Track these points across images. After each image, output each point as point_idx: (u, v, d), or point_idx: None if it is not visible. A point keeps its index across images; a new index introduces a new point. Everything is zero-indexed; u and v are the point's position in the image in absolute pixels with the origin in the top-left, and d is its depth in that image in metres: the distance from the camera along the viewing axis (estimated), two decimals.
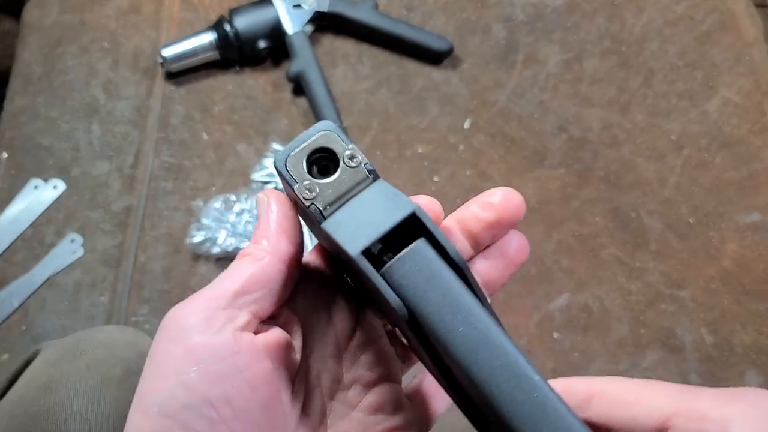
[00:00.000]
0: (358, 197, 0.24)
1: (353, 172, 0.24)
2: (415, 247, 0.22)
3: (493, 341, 0.20)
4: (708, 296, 0.59)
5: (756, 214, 0.63)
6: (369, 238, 0.22)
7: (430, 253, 0.22)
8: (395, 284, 0.22)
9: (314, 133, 0.24)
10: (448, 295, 0.21)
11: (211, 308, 0.23)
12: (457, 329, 0.21)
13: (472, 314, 0.21)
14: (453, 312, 0.21)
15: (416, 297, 0.21)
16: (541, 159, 0.64)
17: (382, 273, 0.22)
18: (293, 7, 0.66)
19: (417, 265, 0.22)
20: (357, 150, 0.24)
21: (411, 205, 0.22)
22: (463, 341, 0.20)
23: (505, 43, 0.70)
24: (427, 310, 0.21)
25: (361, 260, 0.21)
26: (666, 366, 0.57)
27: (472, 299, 0.21)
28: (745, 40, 0.70)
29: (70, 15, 0.70)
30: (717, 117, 0.66)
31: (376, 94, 0.67)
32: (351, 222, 0.23)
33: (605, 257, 0.61)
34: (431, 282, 0.21)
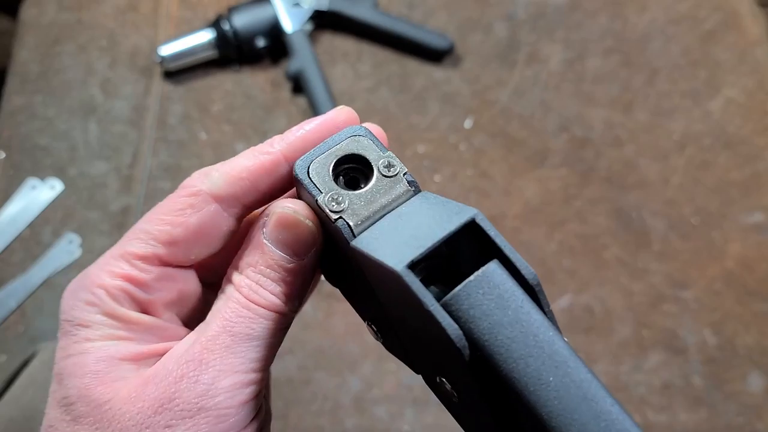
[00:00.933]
0: (396, 211, 0.20)
1: (390, 183, 0.20)
2: (487, 270, 0.17)
3: (592, 397, 0.16)
4: (711, 297, 0.59)
5: (759, 214, 0.62)
6: (417, 250, 0.17)
7: (505, 279, 0.17)
8: (455, 316, 0.17)
9: (343, 138, 0.21)
10: (531, 335, 0.17)
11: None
12: (547, 379, 0.16)
13: (567, 363, 0.16)
14: (540, 357, 0.16)
15: (486, 334, 0.17)
16: (542, 159, 0.64)
17: (443, 303, 0.17)
18: (292, 6, 0.65)
19: (488, 294, 0.17)
20: (395, 158, 0.20)
21: (470, 210, 0.18)
22: (554, 396, 0.16)
23: (506, 42, 0.69)
24: (504, 353, 0.17)
25: (409, 277, 0.17)
26: (669, 367, 0.56)
27: (561, 340, 0.17)
28: (749, 40, 0.69)
29: (68, 13, 0.69)
30: (720, 116, 0.66)
31: (376, 92, 0.67)
32: (390, 237, 0.19)
33: (608, 258, 0.60)
34: (508, 316, 0.17)
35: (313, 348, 0.56)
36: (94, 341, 0.22)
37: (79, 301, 0.23)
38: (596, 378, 0.17)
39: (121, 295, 0.23)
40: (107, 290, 0.22)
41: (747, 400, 0.55)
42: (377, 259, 0.18)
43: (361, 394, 0.54)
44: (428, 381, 0.22)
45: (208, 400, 0.20)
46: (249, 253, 0.23)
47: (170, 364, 0.21)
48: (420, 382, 0.55)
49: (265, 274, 0.22)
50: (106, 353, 0.22)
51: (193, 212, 0.23)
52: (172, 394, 0.21)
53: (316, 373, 0.55)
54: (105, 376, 0.21)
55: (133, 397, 0.21)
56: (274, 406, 0.54)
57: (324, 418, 0.53)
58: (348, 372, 0.55)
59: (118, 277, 0.23)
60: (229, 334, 0.21)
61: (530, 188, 0.63)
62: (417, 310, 0.17)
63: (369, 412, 0.54)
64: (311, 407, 0.54)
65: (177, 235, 0.23)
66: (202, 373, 0.21)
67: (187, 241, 0.23)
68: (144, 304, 0.23)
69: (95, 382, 0.21)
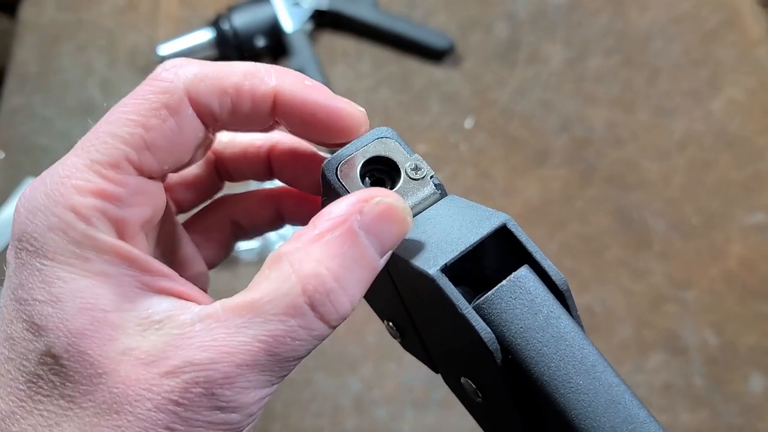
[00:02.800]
0: (424, 214, 0.20)
1: (417, 186, 0.20)
2: (519, 275, 0.18)
3: (620, 401, 0.16)
4: (712, 297, 0.59)
5: (761, 214, 0.62)
6: (450, 254, 0.18)
7: (536, 285, 0.18)
8: (487, 319, 0.18)
9: (371, 140, 0.21)
10: (561, 339, 0.17)
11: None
12: (576, 383, 0.17)
13: (596, 368, 0.17)
14: (570, 361, 0.17)
15: (518, 338, 0.17)
16: (543, 158, 0.64)
17: (476, 307, 0.18)
18: (292, 5, 0.65)
19: (520, 299, 0.18)
20: (422, 160, 0.21)
21: (501, 216, 0.19)
22: (583, 399, 0.17)
23: (507, 42, 0.69)
24: (534, 356, 0.17)
25: (442, 281, 0.17)
26: (670, 368, 0.56)
27: (590, 345, 0.17)
28: (750, 39, 0.69)
29: (67, 13, 0.69)
30: (722, 116, 0.66)
31: (377, 92, 0.67)
32: (419, 240, 0.19)
33: (608, 258, 0.60)
34: (539, 321, 0.17)
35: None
36: (67, 282, 0.18)
37: (42, 224, 0.18)
38: (624, 383, 0.17)
39: (94, 215, 0.18)
40: (77, 212, 0.18)
41: (748, 401, 0.55)
42: (409, 262, 0.18)
43: (361, 395, 0.54)
44: (448, 381, 0.22)
45: (221, 416, 0.18)
46: (322, 240, 0.18)
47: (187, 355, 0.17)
48: (420, 383, 0.55)
49: (344, 273, 0.18)
50: (89, 302, 0.18)
51: (168, 115, 0.19)
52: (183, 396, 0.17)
53: (316, 374, 0.55)
54: (94, 335, 0.17)
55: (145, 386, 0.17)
56: (274, 407, 0.54)
57: (324, 418, 0.53)
58: (348, 373, 0.55)
59: (90, 194, 0.18)
60: (266, 353, 0.18)
61: (531, 188, 0.63)
62: (448, 312, 0.18)
63: (369, 413, 0.54)
64: (311, 408, 0.54)
65: (151, 140, 0.19)
66: (223, 389, 0.17)
67: (161, 147, 0.19)
68: (119, 224, 0.19)
69: (86, 343, 0.17)
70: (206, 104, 0.20)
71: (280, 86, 0.20)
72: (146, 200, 0.20)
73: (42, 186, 0.19)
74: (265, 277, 0.18)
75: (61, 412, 0.17)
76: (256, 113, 0.20)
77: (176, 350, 0.17)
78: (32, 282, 0.18)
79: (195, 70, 0.20)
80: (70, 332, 0.17)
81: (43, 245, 0.18)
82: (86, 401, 0.17)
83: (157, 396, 0.17)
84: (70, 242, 0.18)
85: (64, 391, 0.17)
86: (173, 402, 0.17)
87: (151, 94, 0.20)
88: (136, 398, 0.17)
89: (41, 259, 0.18)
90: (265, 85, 0.20)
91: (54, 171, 0.20)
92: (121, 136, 0.19)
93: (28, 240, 0.18)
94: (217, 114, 0.20)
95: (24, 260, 0.18)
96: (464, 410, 0.22)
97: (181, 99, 0.19)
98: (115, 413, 0.17)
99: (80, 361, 0.17)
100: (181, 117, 0.19)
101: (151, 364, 0.17)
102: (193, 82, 0.20)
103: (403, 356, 0.56)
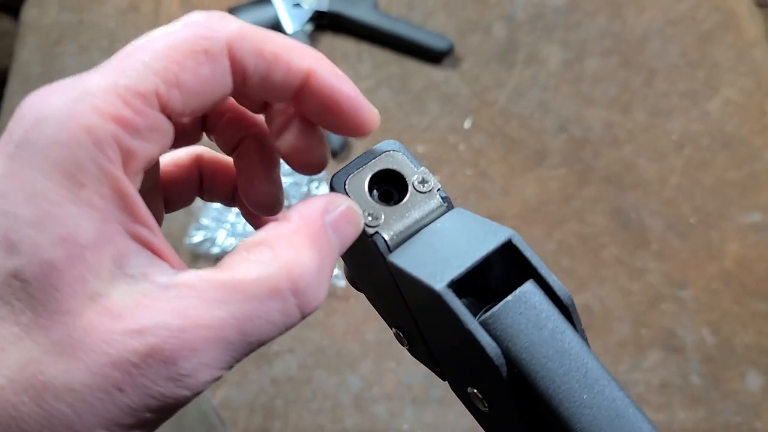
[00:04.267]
0: (430, 227, 0.20)
1: (424, 198, 0.21)
2: (525, 290, 0.18)
3: (624, 415, 0.17)
4: (709, 296, 0.59)
5: (757, 214, 0.62)
6: (456, 269, 0.18)
7: (541, 300, 0.18)
8: (493, 334, 0.18)
9: (378, 153, 0.21)
10: (566, 354, 0.17)
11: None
12: (581, 397, 0.17)
13: (600, 382, 0.17)
14: (575, 376, 0.17)
15: (524, 352, 0.18)
16: (541, 159, 0.64)
17: (482, 321, 0.18)
18: (293, 6, 0.66)
19: (525, 314, 0.18)
20: (428, 173, 0.21)
21: (506, 231, 0.19)
22: (588, 413, 0.17)
23: (505, 43, 0.69)
24: (540, 371, 0.17)
25: (449, 296, 0.18)
26: (667, 366, 0.57)
27: (594, 359, 0.18)
28: (747, 40, 0.70)
29: (69, 14, 0.69)
30: (718, 117, 0.66)
31: (376, 93, 0.67)
32: (426, 254, 0.19)
33: (606, 257, 0.61)
34: (545, 335, 0.18)
35: (313, 347, 0.56)
36: (54, 205, 0.16)
37: (48, 135, 0.17)
38: (628, 396, 0.17)
39: (107, 141, 0.17)
40: (91, 133, 0.17)
41: (745, 399, 0.55)
42: (416, 276, 0.18)
43: (361, 392, 0.55)
44: (456, 389, 0.23)
45: (173, 389, 0.17)
46: (300, 233, 0.18)
47: (158, 318, 0.16)
48: (419, 382, 0.55)
49: (322, 265, 0.18)
50: (71, 233, 0.16)
51: (206, 60, 0.18)
52: (143, 360, 0.16)
53: (316, 372, 0.55)
54: (67, 270, 0.16)
55: (106, 338, 0.16)
56: (275, 405, 0.54)
57: (324, 416, 0.54)
58: (348, 371, 0.55)
59: (109, 118, 0.17)
60: (238, 332, 0.17)
61: (529, 188, 0.63)
62: (454, 326, 0.18)
63: (369, 410, 0.54)
64: (311, 406, 0.54)
65: (183, 80, 0.18)
66: (185, 360, 0.16)
67: (190, 90, 0.18)
68: (127, 156, 0.17)
69: (56, 277, 0.16)
70: (242, 61, 0.19)
71: (315, 67, 0.20)
72: (158, 138, 0.18)
73: (57, 96, 0.17)
74: (243, 258, 0.18)
75: (12, 339, 0.16)
76: (285, 85, 0.20)
77: (146, 310, 0.16)
78: (18, 195, 0.16)
79: (239, 25, 0.19)
80: (44, 261, 0.16)
81: (44, 158, 0.16)
82: (41, 336, 0.16)
83: (114, 352, 0.16)
84: (72, 163, 0.16)
85: (20, 318, 0.16)
86: (131, 363, 0.16)
87: (191, 35, 0.19)
88: (92, 348, 0.16)
89: (35, 172, 0.16)
90: (302, 60, 0.20)
91: (74, 84, 0.18)
92: (154, 67, 0.18)
93: (26, 148, 0.17)
94: (250, 74, 0.19)
95: (15, 169, 0.17)
96: (463, 408, 0.23)
97: (221, 49, 0.19)
98: (66, 357, 0.16)
99: (47, 293, 0.16)
100: (216, 66, 0.19)
101: (116, 317, 0.16)
102: (236, 37, 0.19)
103: (402, 354, 0.56)
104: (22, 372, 0.16)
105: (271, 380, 0.55)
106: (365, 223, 0.20)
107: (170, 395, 0.16)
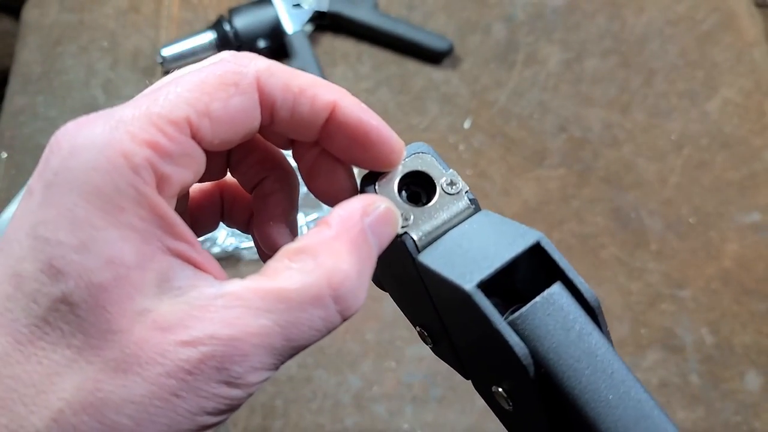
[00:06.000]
0: (458, 228, 0.21)
1: (452, 200, 0.21)
2: (553, 292, 0.19)
3: (649, 415, 0.17)
4: (708, 296, 0.59)
5: (756, 214, 0.62)
6: (486, 270, 0.18)
7: (569, 302, 0.19)
8: (521, 335, 0.18)
9: (408, 154, 0.21)
10: (593, 355, 0.18)
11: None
12: (607, 397, 0.17)
13: (626, 383, 0.18)
14: (601, 376, 0.18)
15: (551, 353, 0.18)
16: (541, 159, 0.64)
17: (510, 322, 0.18)
18: (293, 7, 0.66)
19: (553, 315, 0.18)
20: (457, 175, 0.21)
21: (534, 233, 0.19)
22: (613, 413, 0.17)
23: (505, 43, 0.70)
24: (567, 371, 0.18)
25: (478, 296, 0.18)
26: (666, 366, 0.57)
27: (620, 361, 0.18)
28: (746, 40, 0.70)
29: (70, 14, 0.69)
30: (717, 117, 0.66)
31: (376, 93, 0.67)
32: (454, 254, 0.19)
33: (605, 257, 0.61)
34: (572, 337, 0.18)
35: (313, 346, 0.56)
36: (98, 230, 0.17)
37: (86, 162, 0.17)
38: (653, 398, 0.18)
39: (143, 166, 0.17)
40: (128, 158, 0.17)
41: (744, 399, 0.56)
42: (445, 276, 0.19)
43: (361, 392, 0.55)
44: (479, 388, 0.23)
45: (227, 390, 0.17)
46: (340, 239, 0.19)
47: (208, 328, 0.17)
48: (419, 380, 0.55)
49: (362, 270, 0.19)
50: (116, 255, 0.17)
51: (236, 93, 0.19)
52: (197, 367, 0.17)
53: (317, 372, 0.55)
54: (114, 290, 0.17)
55: (159, 350, 0.17)
56: (275, 404, 0.54)
57: (324, 416, 0.54)
58: (348, 370, 0.56)
59: (144, 143, 0.17)
60: (283, 338, 0.18)
61: (529, 188, 0.63)
62: (482, 325, 0.18)
63: (369, 410, 0.54)
64: (311, 405, 0.54)
65: (214, 110, 0.19)
66: (236, 365, 0.17)
67: (220, 120, 0.19)
68: (162, 181, 0.18)
69: (105, 298, 0.17)
70: (270, 95, 0.20)
71: (340, 100, 0.20)
72: (191, 164, 0.19)
73: (92, 125, 0.18)
74: (286, 266, 0.19)
75: (65, 362, 0.17)
76: (312, 117, 0.20)
77: (197, 321, 0.17)
78: (60, 222, 0.17)
79: (267, 63, 0.20)
80: (92, 284, 0.17)
81: (83, 184, 0.17)
82: (94, 356, 0.17)
83: (169, 362, 0.17)
84: (112, 188, 0.17)
85: (72, 341, 0.17)
86: (185, 371, 0.17)
87: (221, 70, 0.19)
88: (147, 361, 0.17)
89: (76, 198, 0.17)
90: (327, 94, 0.20)
91: (108, 114, 0.18)
92: (186, 97, 0.18)
93: (65, 175, 0.17)
94: (278, 107, 0.20)
95: (55, 196, 0.17)
96: (463, 407, 0.23)
97: (251, 83, 0.20)
98: (122, 372, 0.16)
99: (96, 314, 0.17)
100: (246, 98, 0.19)
101: (167, 330, 0.17)
102: (264, 73, 0.20)
103: (402, 354, 0.56)
104: (79, 392, 0.16)
105: (270, 380, 0.55)
106: None
107: (224, 395, 0.17)
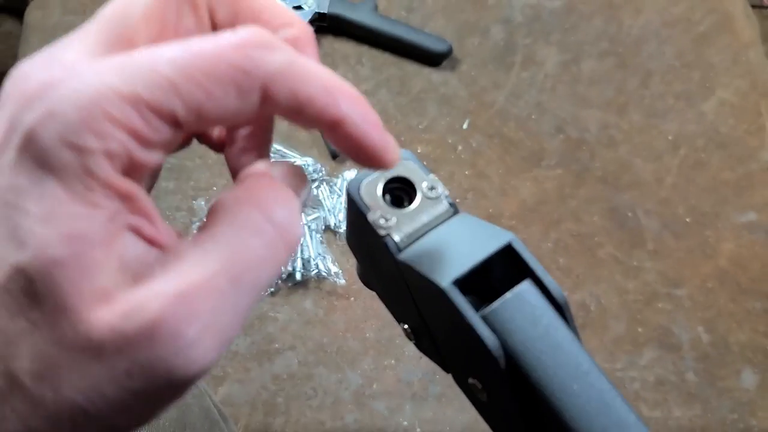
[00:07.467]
0: (437, 230, 0.22)
1: (432, 203, 0.22)
2: (522, 289, 0.20)
3: (611, 404, 0.18)
4: (704, 295, 0.60)
5: (752, 213, 0.63)
6: (460, 268, 0.20)
7: (537, 298, 0.20)
8: (493, 328, 0.19)
9: None
10: (559, 348, 0.19)
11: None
12: (571, 387, 0.19)
13: (589, 374, 0.19)
14: (566, 368, 0.19)
15: (520, 345, 0.19)
16: (538, 159, 0.65)
17: (483, 316, 0.20)
18: (293, 8, 0.67)
19: (522, 310, 0.19)
20: (437, 181, 0.23)
21: (507, 235, 0.21)
22: (578, 402, 0.18)
23: (503, 45, 0.70)
24: (535, 363, 0.19)
25: (453, 292, 0.19)
26: (663, 364, 0.57)
27: (585, 353, 0.19)
28: (742, 42, 0.70)
29: (72, 16, 0.70)
30: (713, 117, 0.67)
31: (376, 95, 0.68)
32: (433, 254, 0.21)
33: (602, 256, 0.61)
34: (539, 331, 0.19)
35: (313, 344, 0.57)
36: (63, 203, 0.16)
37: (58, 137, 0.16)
38: (615, 389, 0.19)
39: (118, 152, 0.17)
40: (103, 143, 0.16)
41: (740, 396, 0.56)
42: (424, 274, 0.20)
43: (361, 389, 0.55)
44: (458, 380, 0.24)
45: (185, 364, 0.17)
46: (268, 185, 0.19)
47: (158, 291, 0.17)
48: (419, 378, 0.56)
49: (292, 208, 0.19)
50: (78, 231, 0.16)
51: (236, 96, 0.17)
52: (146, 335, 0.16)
53: (317, 369, 0.56)
54: (73, 268, 0.16)
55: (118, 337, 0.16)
56: (276, 402, 0.55)
57: (324, 413, 0.54)
58: (348, 368, 0.56)
59: (123, 129, 0.16)
60: (227, 280, 0.17)
61: (526, 188, 0.64)
62: (458, 321, 0.20)
63: (369, 407, 0.55)
64: (312, 402, 0.55)
65: (206, 110, 0.17)
66: (188, 327, 0.16)
67: (209, 117, 0.18)
68: (136, 166, 0.17)
69: (63, 275, 0.16)
70: (274, 99, 0.18)
71: (346, 117, 0.19)
72: (168, 147, 0.18)
73: (70, 92, 0.17)
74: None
75: (20, 333, 0.17)
76: (312, 124, 0.20)
77: (149, 298, 0.17)
78: (30, 191, 0.16)
79: (283, 63, 0.18)
80: (50, 259, 0.16)
81: (56, 161, 0.16)
82: (48, 331, 0.16)
83: (120, 338, 0.16)
84: (82, 169, 0.16)
85: (29, 314, 0.16)
86: (137, 346, 0.16)
87: (225, 64, 0.17)
88: (99, 340, 0.16)
89: (46, 172, 0.16)
90: (336, 109, 0.19)
91: (88, 80, 0.17)
92: (177, 86, 0.17)
93: (36, 146, 0.16)
94: (280, 110, 0.19)
95: (27, 165, 0.17)
96: (461, 404, 0.24)
97: (255, 88, 0.18)
98: (75, 351, 0.16)
99: (52, 291, 0.16)
100: (244, 102, 0.18)
101: (125, 315, 0.16)
102: (275, 78, 0.18)
103: (402, 352, 0.57)
104: (33, 364, 0.16)
105: (272, 377, 0.56)
106: (378, 225, 0.22)
107: (179, 366, 0.17)
